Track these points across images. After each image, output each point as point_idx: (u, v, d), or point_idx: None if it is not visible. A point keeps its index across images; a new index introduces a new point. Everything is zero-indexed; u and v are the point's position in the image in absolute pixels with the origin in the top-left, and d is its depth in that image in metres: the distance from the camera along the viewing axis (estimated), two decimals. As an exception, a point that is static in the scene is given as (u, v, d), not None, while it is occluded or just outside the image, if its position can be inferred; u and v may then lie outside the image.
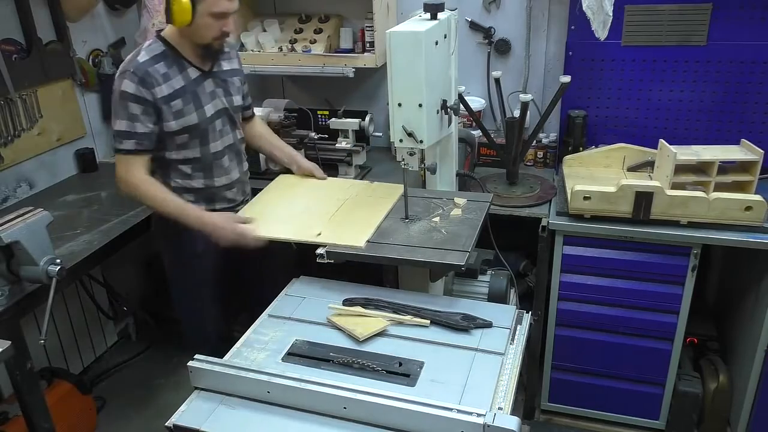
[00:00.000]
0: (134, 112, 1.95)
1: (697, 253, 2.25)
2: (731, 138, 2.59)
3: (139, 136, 1.97)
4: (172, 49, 2.03)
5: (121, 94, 1.95)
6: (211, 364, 1.50)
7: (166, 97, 1.98)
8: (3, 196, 2.61)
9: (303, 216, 2.11)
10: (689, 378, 2.50)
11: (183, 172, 2.11)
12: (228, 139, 2.18)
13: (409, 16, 2.07)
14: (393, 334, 1.68)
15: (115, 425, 2.83)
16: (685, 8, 2.49)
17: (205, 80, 2.08)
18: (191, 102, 2.03)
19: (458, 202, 2.13)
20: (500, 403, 1.43)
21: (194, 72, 2.06)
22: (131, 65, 1.96)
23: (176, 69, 2.02)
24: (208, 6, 1.92)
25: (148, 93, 1.95)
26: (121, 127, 1.97)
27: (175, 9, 1.90)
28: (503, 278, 2.15)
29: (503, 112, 2.76)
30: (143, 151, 2.01)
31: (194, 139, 2.08)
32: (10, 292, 1.90)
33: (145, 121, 1.97)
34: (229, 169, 2.20)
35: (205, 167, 2.13)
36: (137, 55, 2.00)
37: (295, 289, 1.94)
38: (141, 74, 1.94)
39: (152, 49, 2.01)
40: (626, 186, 2.21)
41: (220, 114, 2.13)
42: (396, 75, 1.89)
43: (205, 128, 2.08)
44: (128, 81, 1.94)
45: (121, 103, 1.96)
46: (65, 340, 2.98)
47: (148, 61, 1.97)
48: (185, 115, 2.02)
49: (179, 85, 2.01)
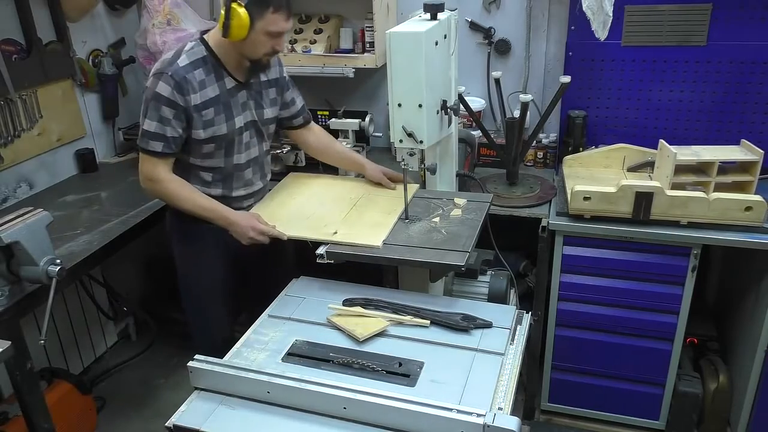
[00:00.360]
0: (166, 115, 1.93)
1: (697, 254, 2.24)
2: (731, 138, 2.59)
3: (168, 139, 1.95)
4: (213, 56, 1.99)
5: (155, 95, 1.92)
6: (211, 364, 1.50)
7: (199, 106, 1.95)
8: (3, 196, 2.61)
9: (317, 214, 2.10)
10: (689, 378, 2.50)
11: (203, 179, 2.10)
12: (253, 152, 2.16)
13: (409, 16, 2.07)
14: (393, 335, 1.68)
15: (115, 425, 2.82)
16: (685, 8, 2.49)
17: (239, 91, 2.06)
18: (222, 112, 2.01)
19: (458, 203, 2.13)
20: (500, 403, 1.43)
21: (230, 82, 2.03)
22: (170, 68, 1.92)
23: (213, 77, 1.99)
24: (266, 24, 1.89)
25: (182, 99, 1.92)
26: (150, 128, 1.94)
27: (234, 24, 1.85)
28: (503, 278, 2.15)
29: (503, 112, 2.76)
30: (169, 154, 1.99)
31: (220, 149, 2.06)
32: (10, 292, 1.90)
33: (176, 126, 1.95)
34: (250, 181, 2.19)
35: (225, 177, 2.12)
36: (177, 57, 1.95)
37: (295, 290, 1.94)
38: (178, 79, 1.91)
39: (193, 53, 1.97)
40: (626, 186, 2.21)
41: (248, 126, 2.11)
42: (396, 75, 1.89)
43: (232, 139, 2.06)
44: (164, 84, 1.91)
45: (153, 104, 1.93)
46: (65, 340, 2.98)
47: (187, 66, 1.94)
48: (215, 125, 2.00)
49: (214, 94, 1.98)
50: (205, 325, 2.31)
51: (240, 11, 1.83)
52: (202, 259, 2.20)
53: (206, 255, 2.19)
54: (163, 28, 2.86)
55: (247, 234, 1.99)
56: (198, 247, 2.18)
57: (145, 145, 1.97)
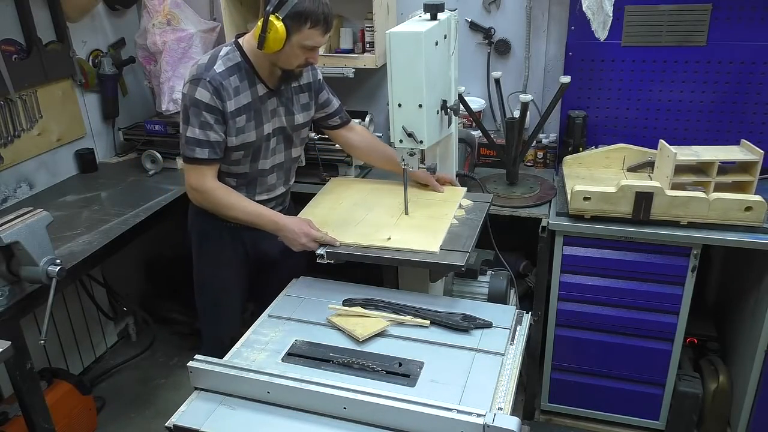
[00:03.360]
0: (209, 121, 1.91)
1: (697, 254, 2.25)
2: (731, 138, 2.59)
3: (213, 144, 1.94)
4: (247, 62, 1.98)
5: (195, 101, 1.90)
6: (211, 364, 1.50)
7: (233, 112, 1.94)
8: (3, 196, 2.61)
9: (367, 220, 2.05)
10: (689, 378, 2.50)
11: (227, 183, 2.08)
12: (278, 158, 2.15)
13: (409, 16, 2.07)
14: (393, 335, 1.68)
15: (115, 425, 2.82)
16: (685, 8, 2.49)
17: (270, 98, 2.04)
18: (253, 119, 2.00)
19: (463, 203, 2.12)
20: (500, 403, 1.43)
21: (262, 89, 2.01)
22: (207, 74, 1.90)
23: (247, 84, 1.97)
24: (303, 38, 1.86)
25: (220, 104, 1.91)
26: (193, 135, 1.92)
27: (270, 37, 1.83)
28: (503, 278, 2.15)
29: (503, 112, 2.76)
30: (216, 160, 1.97)
31: (247, 156, 2.05)
32: (10, 293, 1.90)
33: (218, 131, 1.93)
34: (273, 186, 2.18)
35: (249, 182, 2.11)
36: (213, 63, 1.93)
37: (295, 290, 1.94)
38: (216, 84, 1.89)
39: (229, 59, 1.95)
40: (626, 186, 2.21)
41: (276, 132, 2.10)
42: (396, 75, 1.89)
43: (259, 145, 2.05)
44: (203, 90, 1.89)
45: (194, 111, 1.91)
46: (65, 341, 2.98)
47: (224, 72, 1.92)
48: (245, 131, 1.99)
49: (246, 101, 1.97)
50: (217, 324, 2.31)
51: (277, 25, 1.81)
52: (220, 259, 2.20)
53: (224, 255, 2.19)
54: (163, 28, 2.86)
55: (299, 240, 1.93)
56: (217, 247, 2.18)
57: (191, 153, 1.94)
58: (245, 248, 2.21)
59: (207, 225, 2.15)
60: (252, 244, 2.20)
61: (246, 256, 2.23)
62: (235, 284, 2.27)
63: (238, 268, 2.24)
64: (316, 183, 2.70)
